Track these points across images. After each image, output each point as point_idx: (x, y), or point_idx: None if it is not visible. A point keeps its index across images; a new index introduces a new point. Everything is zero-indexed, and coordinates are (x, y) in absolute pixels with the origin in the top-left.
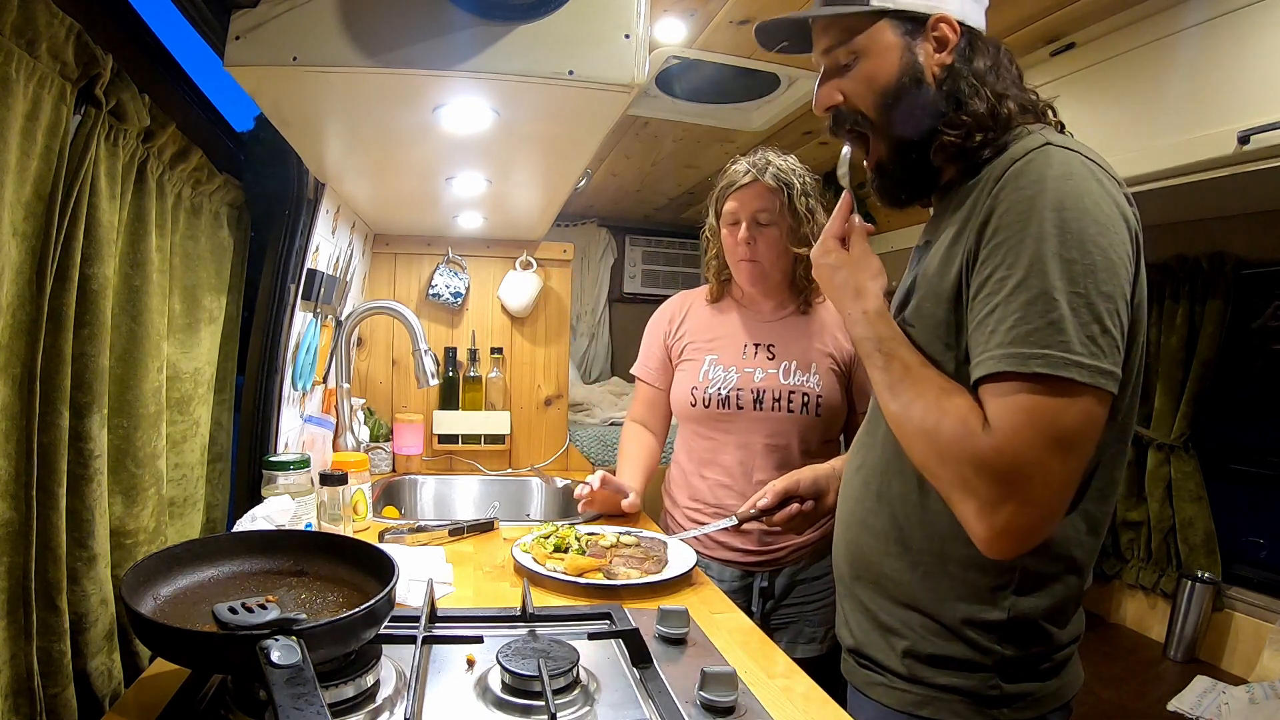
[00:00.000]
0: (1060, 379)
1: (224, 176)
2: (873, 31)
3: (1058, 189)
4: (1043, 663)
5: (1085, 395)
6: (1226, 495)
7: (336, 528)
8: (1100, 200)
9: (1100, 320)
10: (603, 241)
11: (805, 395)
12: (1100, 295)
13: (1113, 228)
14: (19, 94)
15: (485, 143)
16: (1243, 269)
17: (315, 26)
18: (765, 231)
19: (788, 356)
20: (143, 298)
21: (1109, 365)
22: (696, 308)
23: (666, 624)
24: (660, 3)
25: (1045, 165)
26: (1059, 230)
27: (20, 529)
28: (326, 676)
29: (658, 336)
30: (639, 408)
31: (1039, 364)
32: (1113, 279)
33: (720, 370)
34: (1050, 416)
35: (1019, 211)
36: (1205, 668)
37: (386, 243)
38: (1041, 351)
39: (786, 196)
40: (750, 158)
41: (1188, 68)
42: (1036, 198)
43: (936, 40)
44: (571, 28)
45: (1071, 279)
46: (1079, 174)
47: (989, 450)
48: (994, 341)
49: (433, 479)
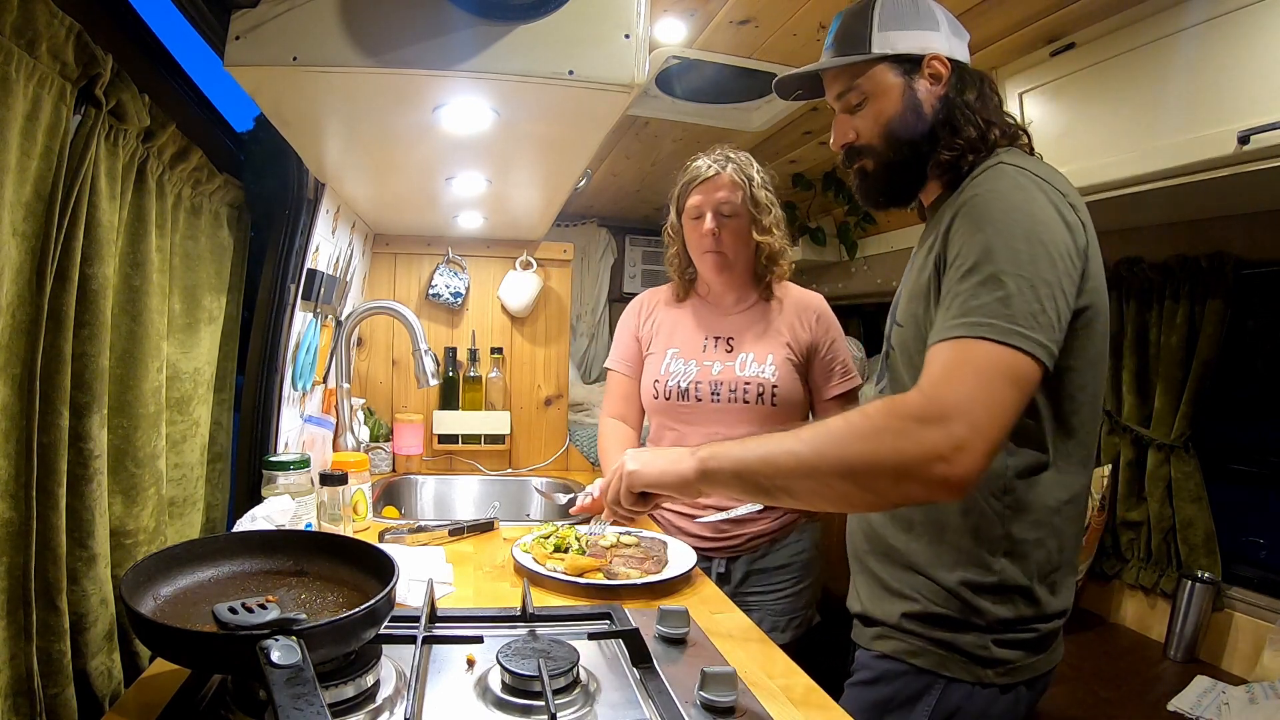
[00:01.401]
0: (1003, 344)
1: (224, 176)
2: (874, 75)
3: (1010, 199)
4: (1030, 630)
5: (1022, 360)
6: (1226, 495)
7: (336, 528)
8: (1043, 206)
9: (1040, 301)
10: (603, 241)
11: (761, 386)
12: (1040, 281)
13: (1053, 228)
14: (19, 94)
15: (485, 143)
16: (1243, 269)
17: (315, 26)
18: (729, 223)
19: (745, 349)
20: (143, 298)
21: (1044, 339)
22: (663, 303)
23: (666, 624)
24: (660, 3)
25: (997, 178)
26: (1006, 226)
27: (20, 529)
28: (326, 676)
29: (630, 329)
30: (614, 402)
31: (985, 330)
32: (1052, 268)
33: (680, 363)
34: (988, 361)
35: (974, 216)
36: (1205, 668)
37: (386, 243)
38: (989, 320)
39: (748, 188)
40: (709, 155)
41: (1188, 68)
42: (990, 203)
43: (931, 76)
44: (571, 28)
45: (1017, 264)
46: (1024, 185)
47: (919, 399)
48: (948, 316)
49: (433, 479)
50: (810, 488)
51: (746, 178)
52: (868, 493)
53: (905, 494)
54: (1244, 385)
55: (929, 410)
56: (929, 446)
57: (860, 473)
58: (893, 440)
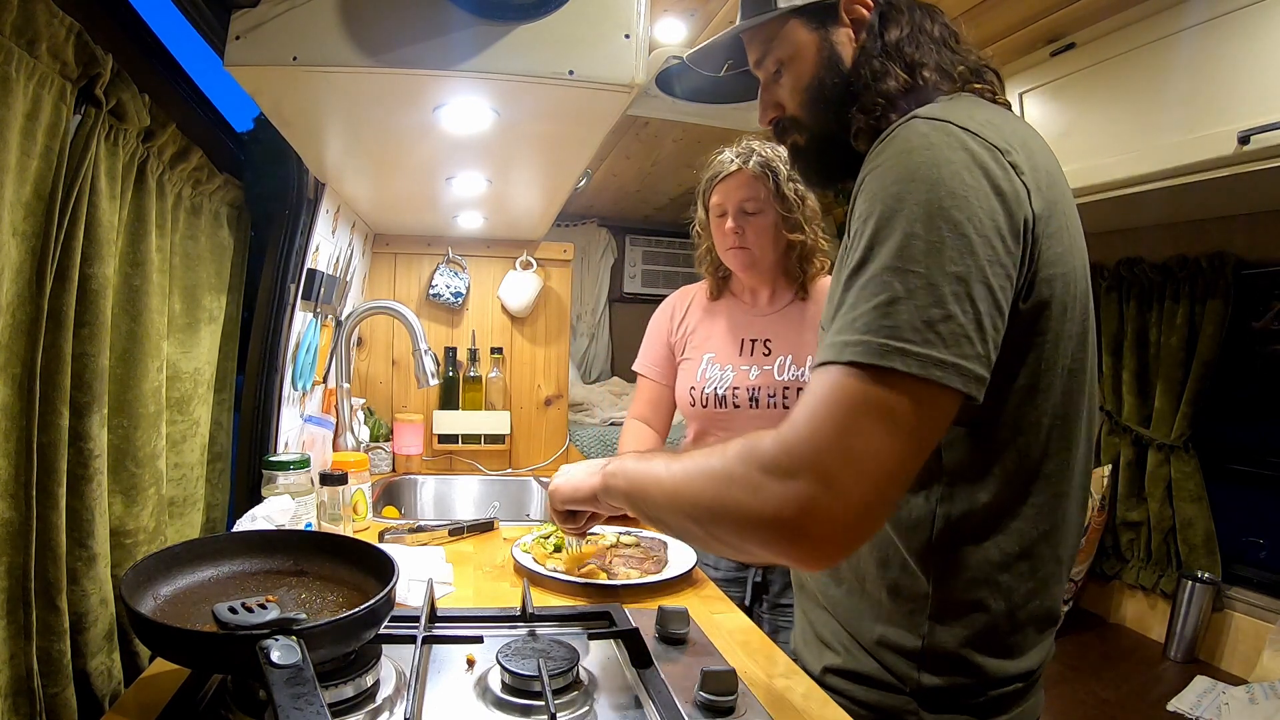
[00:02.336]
0: (878, 369)
1: (224, 176)
2: (786, 34)
3: (909, 161)
4: (973, 697)
5: (912, 387)
6: (1226, 495)
7: (336, 528)
8: (962, 170)
9: (943, 304)
10: (603, 241)
11: (801, 390)
12: (947, 276)
13: (976, 201)
14: (19, 94)
15: (485, 143)
16: (1243, 269)
17: (315, 26)
18: (753, 220)
19: (783, 351)
20: (143, 298)
21: (948, 355)
22: (697, 304)
23: (666, 624)
24: (660, 3)
25: (904, 138)
26: (904, 204)
27: (20, 529)
28: (326, 676)
29: (661, 333)
30: (640, 405)
31: (855, 351)
32: (967, 259)
33: (716, 369)
34: (858, 397)
35: (869, 191)
36: (1205, 668)
37: (386, 243)
38: (861, 338)
39: (773, 183)
40: (734, 147)
41: (1188, 68)
42: (886, 173)
43: (854, 23)
44: (571, 28)
45: (910, 258)
46: (940, 144)
47: (771, 445)
48: (827, 333)
49: (433, 479)
50: (678, 526)
51: (772, 171)
52: (716, 542)
53: (753, 554)
54: (1244, 385)
55: (778, 461)
56: (773, 506)
57: (706, 521)
58: (738, 492)
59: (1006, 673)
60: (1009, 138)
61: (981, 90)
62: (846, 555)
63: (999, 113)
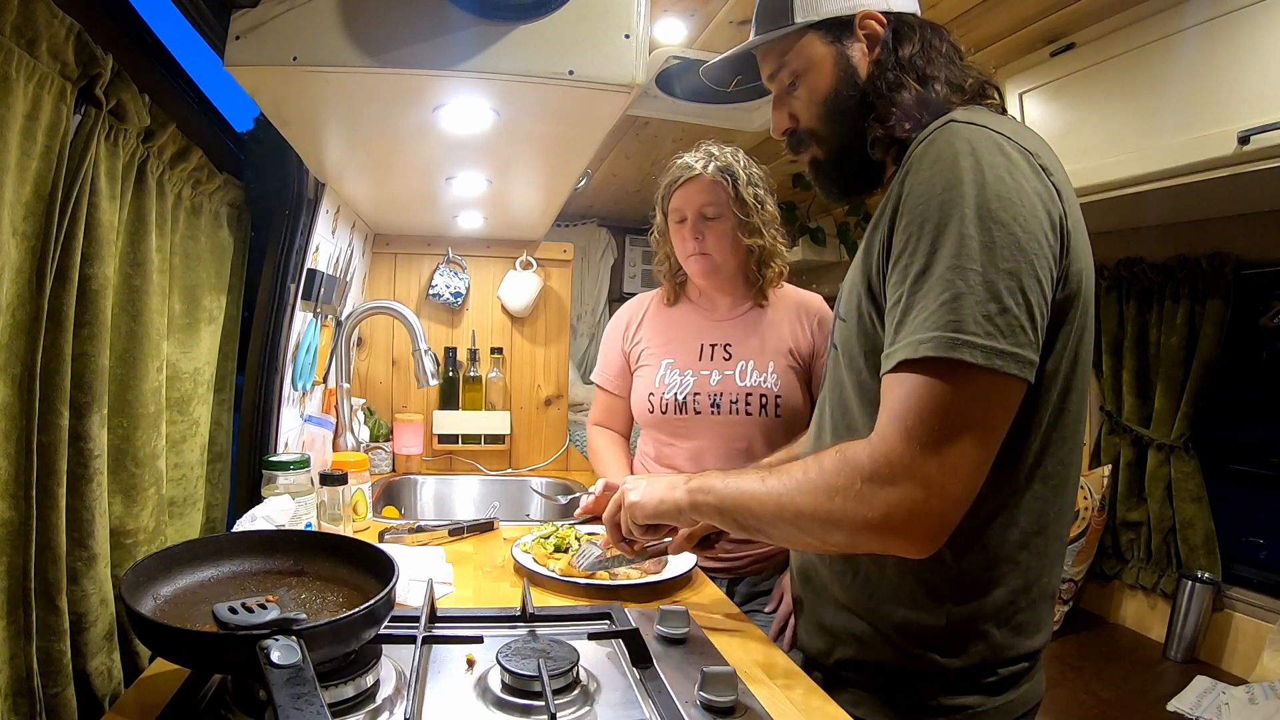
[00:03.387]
0: (950, 361)
1: (224, 176)
2: (802, 48)
3: (957, 166)
4: (987, 675)
5: (981, 378)
6: (1226, 495)
7: (336, 528)
8: (1005, 175)
9: (999, 299)
10: (603, 241)
11: (763, 396)
12: (1001, 273)
13: (1020, 201)
14: (19, 94)
15: (485, 143)
16: (1243, 269)
17: (315, 26)
18: (713, 225)
19: (744, 356)
20: (143, 298)
21: (1008, 346)
22: (653, 310)
23: (666, 624)
24: (660, 3)
25: (947, 143)
26: (956, 208)
27: (20, 529)
28: (326, 676)
29: (616, 342)
30: (599, 413)
31: (928, 347)
32: (1017, 255)
33: (676, 374)
34: (941, 400)
35: (919, 194)
36: (1205, 668)
37: (386, 243)
38: (932, 334)
39: (732, 187)
40: (692, 153)
41: (1188, 68)
42: (935, 177)
43: (867, 39)
44: (571, 28)
45: (968, 257)
46: (984, 148)
47: (868, 455)
48: (894, 334)
49: (433, 479)
50: (782, 534)
51: (730, 176)
52: (827, 546)
53: (869, 550)
54: (1244, 386)
55: (878, 469)
56: (881, 512)
57: (817, 530)
58: (844, 502)
59: (1020, 650)
60: (1034, 143)
61: (991, 105)
62: (946, 539)
63: (1016, 122)
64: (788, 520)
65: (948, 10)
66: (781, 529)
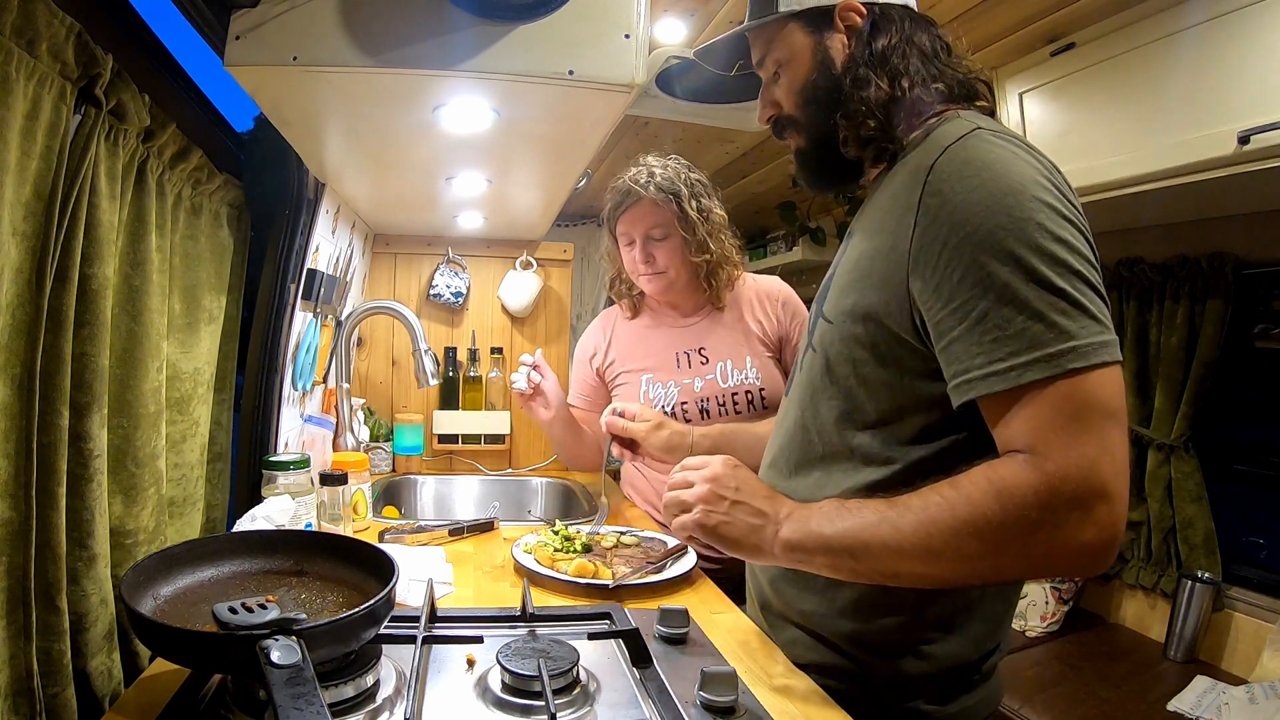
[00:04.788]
0: (1088, 367)
1: (224, 176)
2: (785, 37)
3: (1009, 175)
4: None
5: (1109, 374)
6: (1226, 495)
7: (336, 528)
8: (1048, 177)
9: (1101, 294)
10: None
11: (748, 392)
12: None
13: (1059, 205)
14: (19, 94)
15: (485, 143)
16: (1243, 269)
17: (315, 26)
18: (661, 245)
19: (720, 357)
20: (143, 298)
21: (1108, 336)
22: (620, 327)
23: (666, 624)
24: (660, 3)
25: (986, 150)
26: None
27: (20, 529)
28: (326, 676)
29: (584, 365)
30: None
31: (1069, 359)
32: (1072, 257)
33: (659, 388)
34: (1093, 405)
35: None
36: (1205, 668)
37: (386, 243)
38: (1061, 346)
39: (676, 205)
40: (632, 172)
41: (1188, 68)
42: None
43: (848, 30)
44: (571, 28)
45: (1061, 261)
46: (1011, 160)
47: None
48: (1004, 350)
49: (433, 479)
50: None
51: (673, 194)
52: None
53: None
54: (1244, 385)
55: (1056, 495)
56: (1069, 537)
57: (982, 566)
58: (1021, 536)
59: (970, 657)
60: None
61: (982, 108)
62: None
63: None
64: (938, 560)
65: (948, 10)
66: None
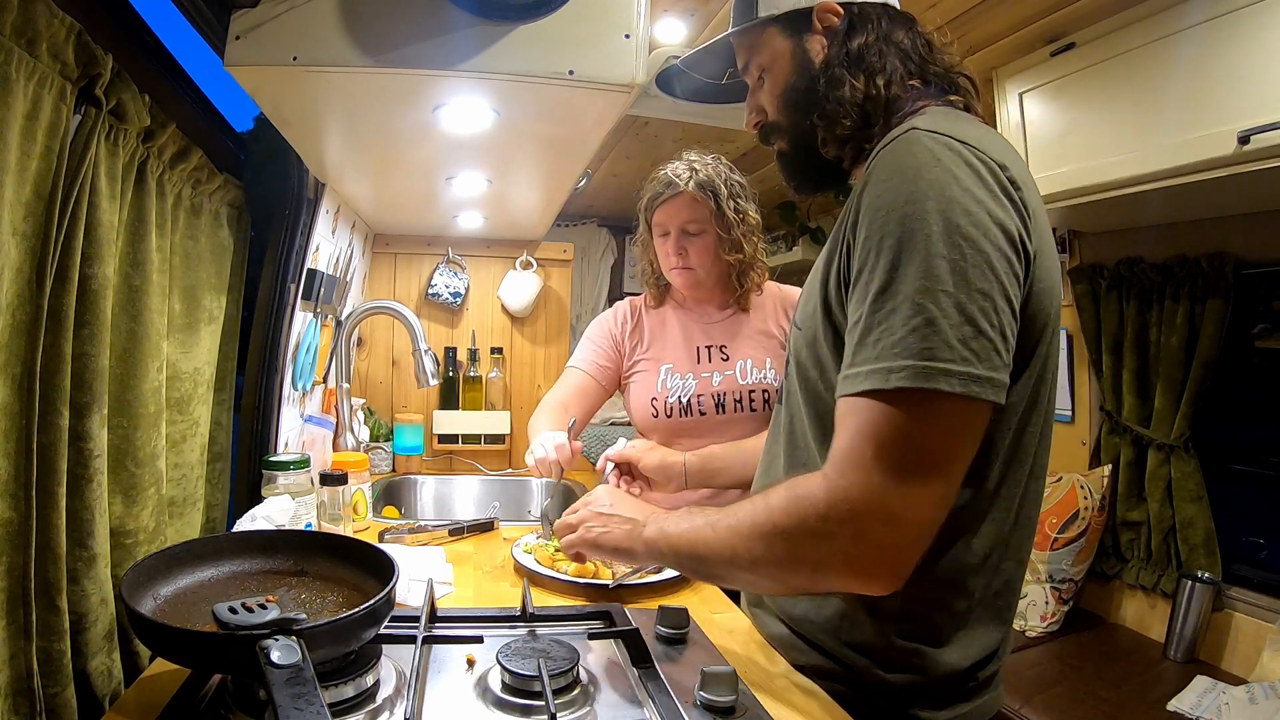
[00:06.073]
0: (923, 391)
1: (224, 176)
2: (766, 41)
3: (920, 178)
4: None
5: (954, 406)
6: (1226, 495)
7: (336, 528)
8: (972, 187)
9: (974, 322)
10: (603, 241)
11: (765, 392)
12: (974, 294)
13: (986, 217)
14: (19, 94)
15: (485, 143)
16: (1243, 269)
17: (315, 26)
18: (695, 240)
19: (741, 355)
20: (143, 298)
21: (984, 370)
22: (645, 314)
23: (666, 624)
24: (660, 3)
25: (908, 152)
26: (921, 223)
27: (20, 529)
28: (326, 676)
29: (605, 334)
30: (566, 390)
31: (901, 377)
32: (989, 274)
33: (678, 378)
34: (908, 433)
35: (879, 207)
36: (1205, 668)
37: (386, 243)
38: (904, 363)
39: (714, 203)
40: (674, 165)
41: (1188, 68)
42: (897, 189)
43: (826, 31)
44: (571, 28)
45: (936, 278)
46: (946, 159)
47: (823, 493)
48: (859, 358)
49: (433, 479)
50: (743, 581)
51: (712, 192)
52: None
53: (828, 590)
54: (1244, 385)
55: (835, 507)
56: (844, 553)
57: (775, 573)
58: (801, 546)
59: (961, 667)
60: (1003, 153)
61: (955, 102)
62: (909, 575)
63: (981, 127)
64: (742, 567)
65: (948, 10)
66: (736, 574)
